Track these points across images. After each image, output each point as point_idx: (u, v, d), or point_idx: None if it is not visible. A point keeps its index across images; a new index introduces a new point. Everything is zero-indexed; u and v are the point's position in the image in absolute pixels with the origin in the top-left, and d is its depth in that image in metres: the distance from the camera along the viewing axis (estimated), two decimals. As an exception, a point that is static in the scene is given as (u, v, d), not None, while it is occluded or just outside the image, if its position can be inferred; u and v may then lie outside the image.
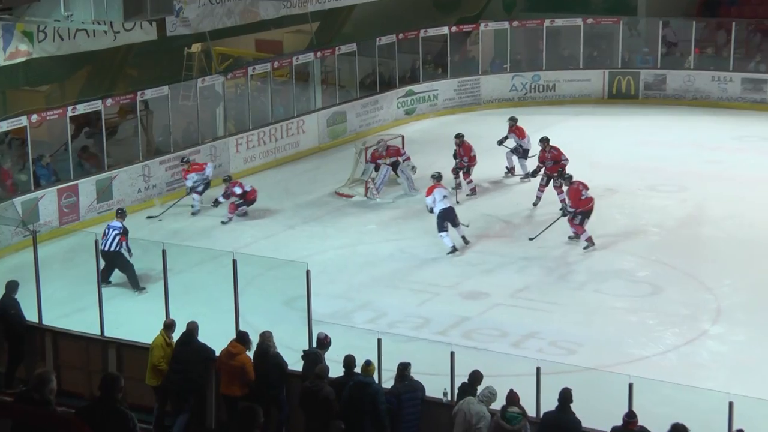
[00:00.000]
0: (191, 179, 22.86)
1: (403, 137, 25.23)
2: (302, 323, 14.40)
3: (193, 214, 22.79)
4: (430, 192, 20.51)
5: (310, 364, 13.04)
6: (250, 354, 13.43)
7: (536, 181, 23.07)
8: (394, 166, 23.69)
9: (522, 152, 24.67)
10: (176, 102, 24.71)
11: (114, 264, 18.37)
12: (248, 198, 22.47)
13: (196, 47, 28.41)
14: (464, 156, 23.55)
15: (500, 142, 24.96)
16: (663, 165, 25.39)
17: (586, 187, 20.41)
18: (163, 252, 14.60)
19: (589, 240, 20.19)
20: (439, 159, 24.15)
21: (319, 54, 28.57)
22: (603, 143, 27.91)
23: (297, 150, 27.36)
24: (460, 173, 23.59)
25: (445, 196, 20.43)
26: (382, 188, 23.51)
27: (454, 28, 32.16)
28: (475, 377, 12.50)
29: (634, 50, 33.20)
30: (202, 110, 25.24)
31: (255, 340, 13.53)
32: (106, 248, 18.02)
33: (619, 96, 32.55)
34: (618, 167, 25.44)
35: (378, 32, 29.90)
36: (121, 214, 19.13)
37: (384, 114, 30.03)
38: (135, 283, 18.38)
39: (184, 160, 23.30)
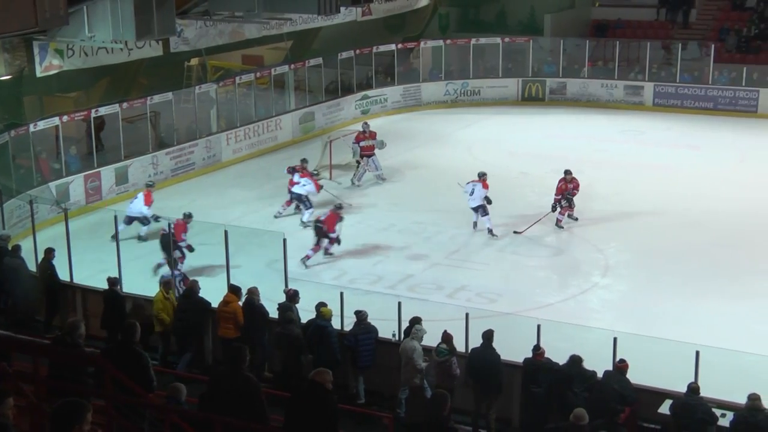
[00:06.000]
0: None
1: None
2: (280, 281, 14.50)
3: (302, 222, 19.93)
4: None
5: (284, 313, 13.05)
6: (240, 303, 13.43)
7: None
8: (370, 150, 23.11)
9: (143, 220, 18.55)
10: (179, 105, 24.43)
11: None
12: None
13: (194, 61, 28.14)
14: None
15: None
16: (564, 153, 25.34)
17: None
18: (168, 225, 14.53)
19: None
20: (388, 148, 24.08)
21: (292, 66, 28.36)
22: (518, 136, 27.98)
23: (275, 142, 27.13)
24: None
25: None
26: (363, 177, 23.20)
27: (400, 45, 32.07)
28: (414, 319, 12.63)
29: (541, 62, 33.35)
30: (199, 111, 25.02)
31: (244, 293, 13.54)
32: None
33: (530, 99, 32.64)
34: (529, 155, 25.55)
35: (340, 48, 29.72)
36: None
37: (344, 113, 29.88)
38: None
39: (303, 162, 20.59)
